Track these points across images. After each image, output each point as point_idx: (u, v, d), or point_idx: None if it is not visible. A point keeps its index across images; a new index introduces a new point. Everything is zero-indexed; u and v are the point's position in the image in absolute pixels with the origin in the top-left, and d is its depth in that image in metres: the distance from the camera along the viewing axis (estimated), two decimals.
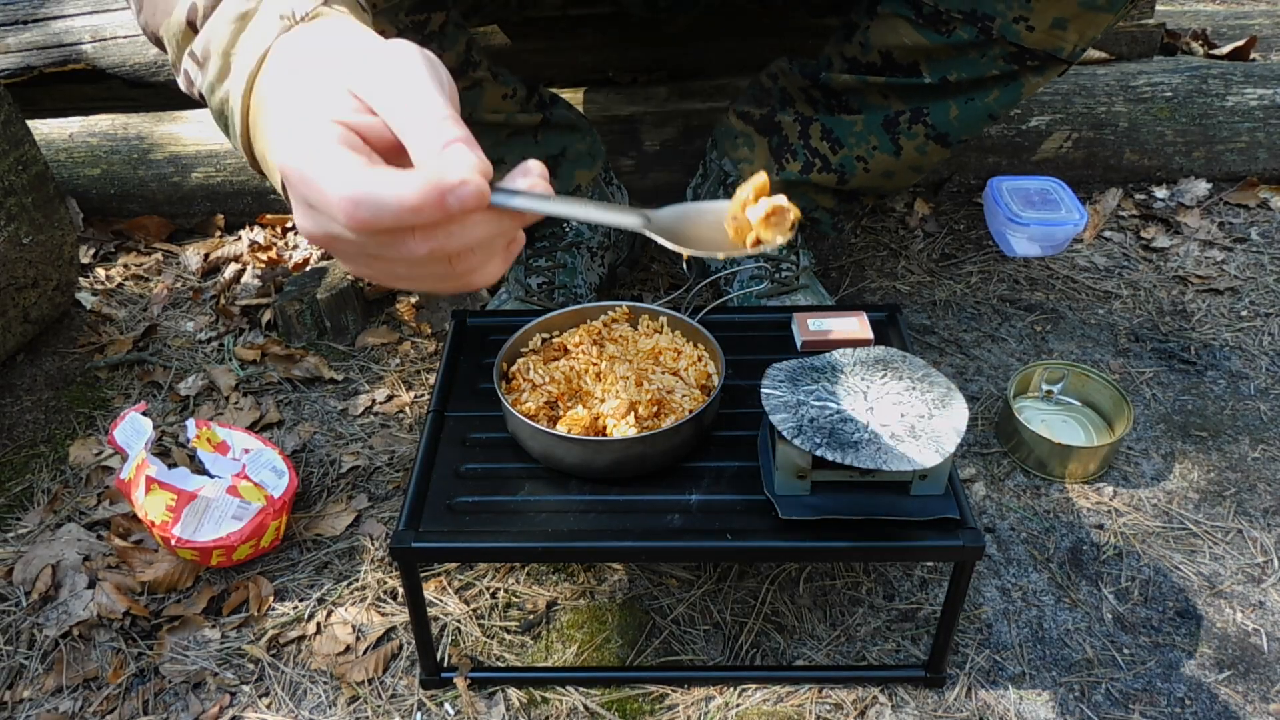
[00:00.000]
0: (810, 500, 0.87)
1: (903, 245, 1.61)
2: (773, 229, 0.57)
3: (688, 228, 0.57)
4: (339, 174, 0.47)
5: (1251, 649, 1.02)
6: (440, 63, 0.53)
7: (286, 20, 0.59)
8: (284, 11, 0.59)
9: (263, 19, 0.59)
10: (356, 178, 0.46)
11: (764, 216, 0.57)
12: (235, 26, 0.60)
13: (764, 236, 0.57)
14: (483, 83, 1.21)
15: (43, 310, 1.38)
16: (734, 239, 0.57)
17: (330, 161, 0.47)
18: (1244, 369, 1.36)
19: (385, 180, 0.46)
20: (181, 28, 0.63)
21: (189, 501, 1.06)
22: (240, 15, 0.60)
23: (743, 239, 0.57)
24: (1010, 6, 1.05)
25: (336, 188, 0.47)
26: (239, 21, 0.60)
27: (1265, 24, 2.16)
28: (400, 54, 0.52)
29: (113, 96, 1.74)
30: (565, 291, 1.36)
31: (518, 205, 0.50)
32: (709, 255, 0.58)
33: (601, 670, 1.00)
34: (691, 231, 0.57)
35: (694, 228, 0.58)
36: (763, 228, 0.57)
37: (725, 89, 1.65)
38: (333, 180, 0.47)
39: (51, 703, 0.99)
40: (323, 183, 0.47)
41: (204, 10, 0.61)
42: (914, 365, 0.93)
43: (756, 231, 0.57)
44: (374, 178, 0.46)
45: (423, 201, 0.45)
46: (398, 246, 0.49)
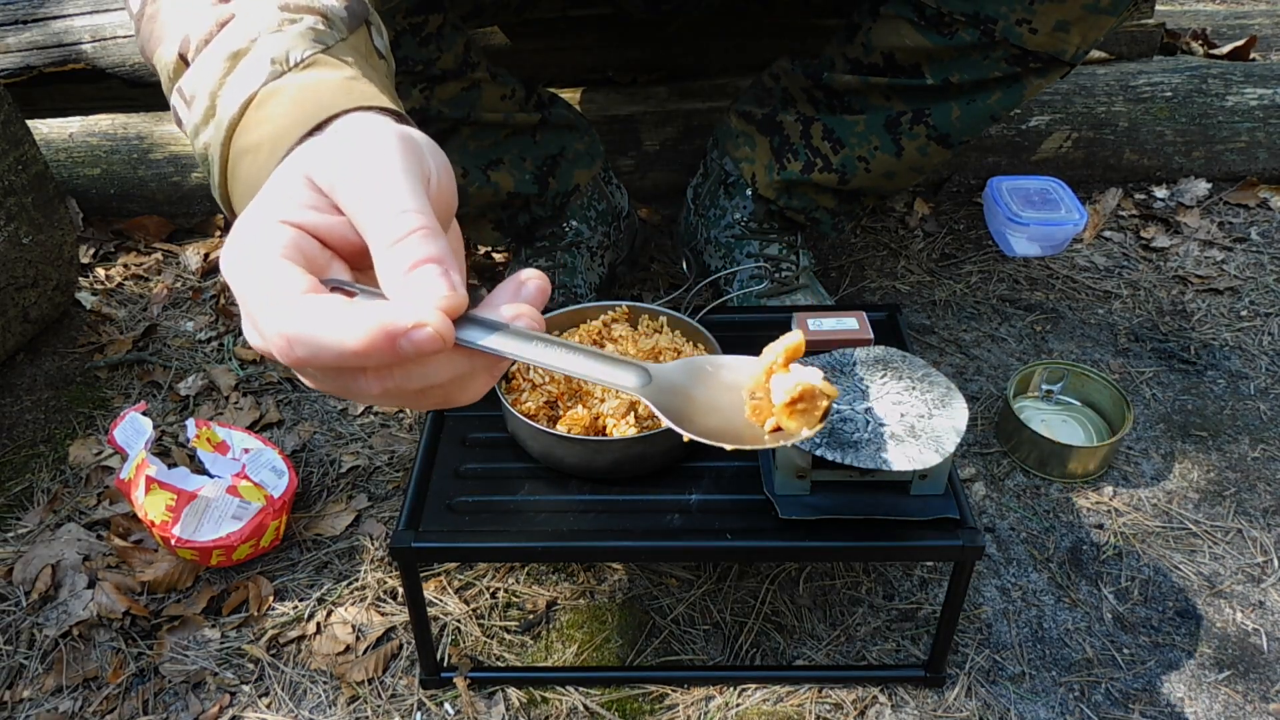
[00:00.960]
0: (810, 500, 0.87)
1: (903, 245, 1.61)
2: (799, 418, 0.46)
3: (696, 393, 0.47)
4: (275, 303, 0.40)
5: (1251, 649, 1.02)
6: (428, 146, 0.46)
7: (278, 65, 0.53)
8: (276, 55, 0.53)
9: (253, 61, 0.53)
10: (292, 312, 0.40)
11: (789, 402, 0.46)
12: (225, 66, 0.54)
13: (787, 426, 0.46)
14: (481, 83, 1.21)
15: (43, 310, 1.38)
16: (751, 417, 0.47)
17: (268, 283, 0.41)
18: (1244, 369, 1.36)
19: (326, 317, 0.40)
20: (174, 60, 0.57)
21: (189, 501, 1.06)
22: (232, 54, 0.54)
23: (762, 421, 0.47)
24: (1013, 9, 1.05)
25: (270, 320, 0.40)
26: (229, 60, 0.54)
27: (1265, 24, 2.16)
28: (372, 137, 0.44)
29: (113, 96, 1.74)
30: (565, 291, 1.36)
31: (491, 349, 0.42)
32: (714, 444, 0.46)
33: (601, 670, 1.00)
34: (701, 398, 0.47)
35: (704, 393, 0.48)
36: (787, 415, 0.46)
37: (725, 89, 1.65)
38: (267, 310, 0.40)
39: (51, 702, 0.99)
40: (257, 310, 0.41)
41: (197, 44, 0.55)
42: (914, 365, 0.93)
43: (779, 418, 0.46)
44: (313, 313, 0.40)
45: (368, 347, 0.39)
46: (348, 384, 0.43)
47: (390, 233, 0.41)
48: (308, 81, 0.52)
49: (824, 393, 0.46)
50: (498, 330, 0.43)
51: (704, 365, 0.48)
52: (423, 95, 1.16)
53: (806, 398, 0.46)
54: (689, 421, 0.46)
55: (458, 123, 1.21)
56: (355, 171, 0.43)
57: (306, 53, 0.54)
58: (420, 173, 0.44)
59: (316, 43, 0.55)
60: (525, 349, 0.42)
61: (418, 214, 0.42)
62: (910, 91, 1.17)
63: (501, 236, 1.38)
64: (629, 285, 1.52)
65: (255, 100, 0.52)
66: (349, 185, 0.43)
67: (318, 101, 0.51)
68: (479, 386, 0.46)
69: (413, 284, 0.41)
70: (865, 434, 0.84)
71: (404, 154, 0.44)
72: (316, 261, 0.43)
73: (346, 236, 0.44)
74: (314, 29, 0.55)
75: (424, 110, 1.17)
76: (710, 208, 1.40)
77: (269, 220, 0.43)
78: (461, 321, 0.42)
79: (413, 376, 0.42)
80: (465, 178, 1.25)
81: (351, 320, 0.39)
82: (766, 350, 0.47)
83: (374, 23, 0.62)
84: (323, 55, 0.54)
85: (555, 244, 1.38)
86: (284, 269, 0.41)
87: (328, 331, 0.39)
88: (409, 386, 0.42)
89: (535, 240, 1.39)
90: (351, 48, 0.57)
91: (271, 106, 0.52)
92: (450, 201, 0.47)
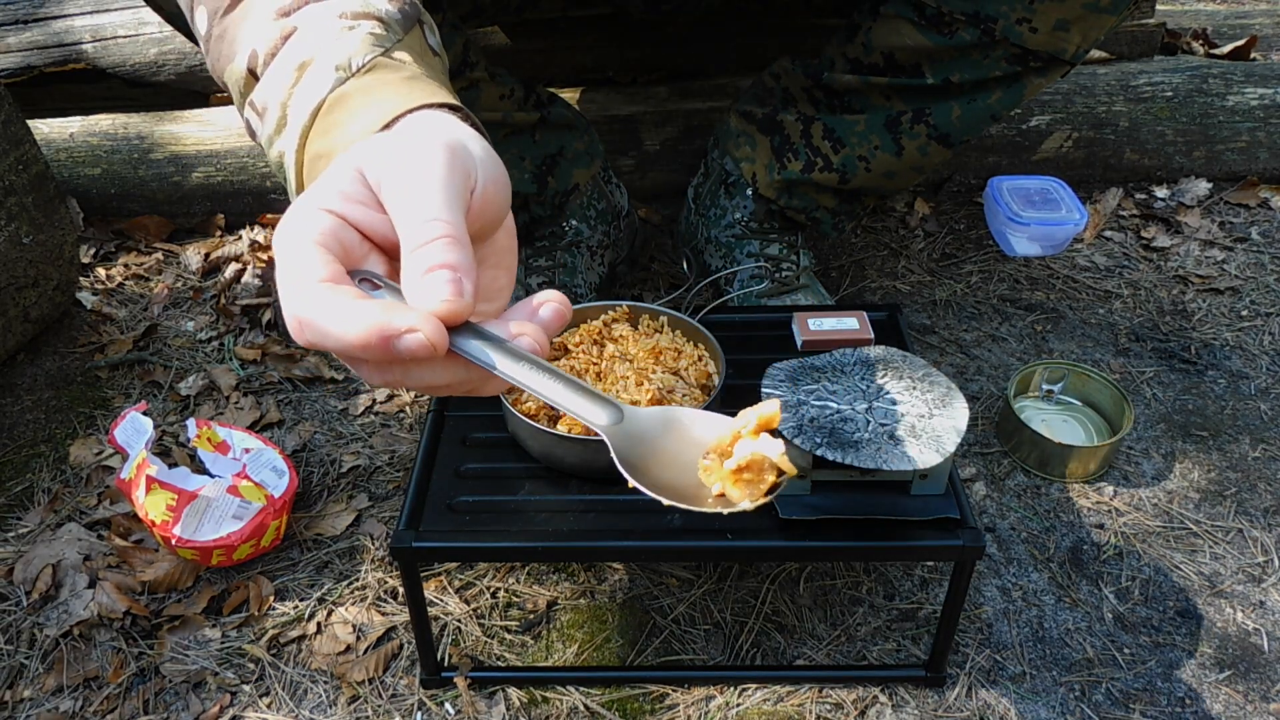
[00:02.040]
0: (810, 500, 0.87)
1: (903, 245, 1.61)
2: (743, 488, 0.46)
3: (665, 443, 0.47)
4: (295, 285, 0.43)
5: (1252, 649, 1.02)
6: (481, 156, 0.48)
7: (342, 72, 0.56)
8: (340, 62, 0.56)
9: (318, 69, 0.56)
10: (308, 297, 0.43)
11: (736, 469, 0.46)
12: (293, 76, 0.57)
13: (729, 493, 0.46)
14: (480, 83, 1.21)
15: (43, 310, 1.38)
16: (702, 476, 0.47)
17: (296, 265, 0.43)
18: (1244, 369, 1.36)
19: (334, 308, 0.42)
20: (243, 74, 0.59)
21: (189, 501, 1.06)
22: (299, 65, 0.56)
23: (711, 483, 0.47)
24: (1013, 8, 1.05)
25: (288, 300, 0.43)
26: (296, 71, 0.56)
27: (1265, 23, 2.16)
28: (423, 143, 0.46)
29: (113, 96, 1.74)
30: (565, 291, 1.36)
31: (480, 360, 0.44)
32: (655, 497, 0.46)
33: (602, 670, 1.00)
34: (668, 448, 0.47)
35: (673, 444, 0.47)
36: (731, 482, 0.46)
37: (725, 89, 1.65)
38: (288, 290, 0.43)
39: (52, 702, 0.99)
40: (281, 290, 0.44)
41: (264, 58, 0.58)
42: (914, 365, 0.93)
43: (724, 483, 0.46)
44: (324, 302, 0.42)
45: (365, 343, 0.41)
46: (354, 365, 0.45)
47: (417, 237, 0.43)
48: (371, 84, 0.55)
49: (776, 466, 0.46)
50: (493, 344, 0.44)
51: (680, 417, 0.48)
52: None
53: (754, 468, 0.46)
54: (643, 471, 0.46)
55: None
56: (399, 174, 0.45)
57: (368, 57, 0.56)
58: (462, 183, 0.45)
59: (376, 46, 0.57)
60: (512, 368, 0.44)
61: (446, 223, 0.43)
62: (910, 91, 1.17)
63: None
64: (629, 285, 1.52)
65: (324, 107, 0.55)
66: (392, 187, 0.45)
67: (381, 104, 0.54)
68: (491, 388, 0.48)
69: (424, 286, 0.43)
70: (865, 434, 0.84)
71: (449, 164, 0.45)
72: (354, 252, 0.45)
73: (386, 233, 0.46)
74: (372, 34, 0.58)
75: None
76: (711, 207, 1.40)
77: (314, 206, 0.45)
78: (465, 330, 0.44)
79: (410, 375, 0.44)
80: None
81: (354, 315, 0.42)
82: (742, 414, 0.47)
83: (425, 21, 0.65)
84: (382, 58, 0.57)
85: (555, 243, 1.38)
86: (312, 254, 0.43)
87: (332, 322, 0.42)
88: (406, 383, 0.45)
89: (535, 240, 1.39)
90: (408, 48, 0.60)
91: (338, 112, 0.55)
92: (496, 213, 0.48)
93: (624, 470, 0.45)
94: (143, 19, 1.66)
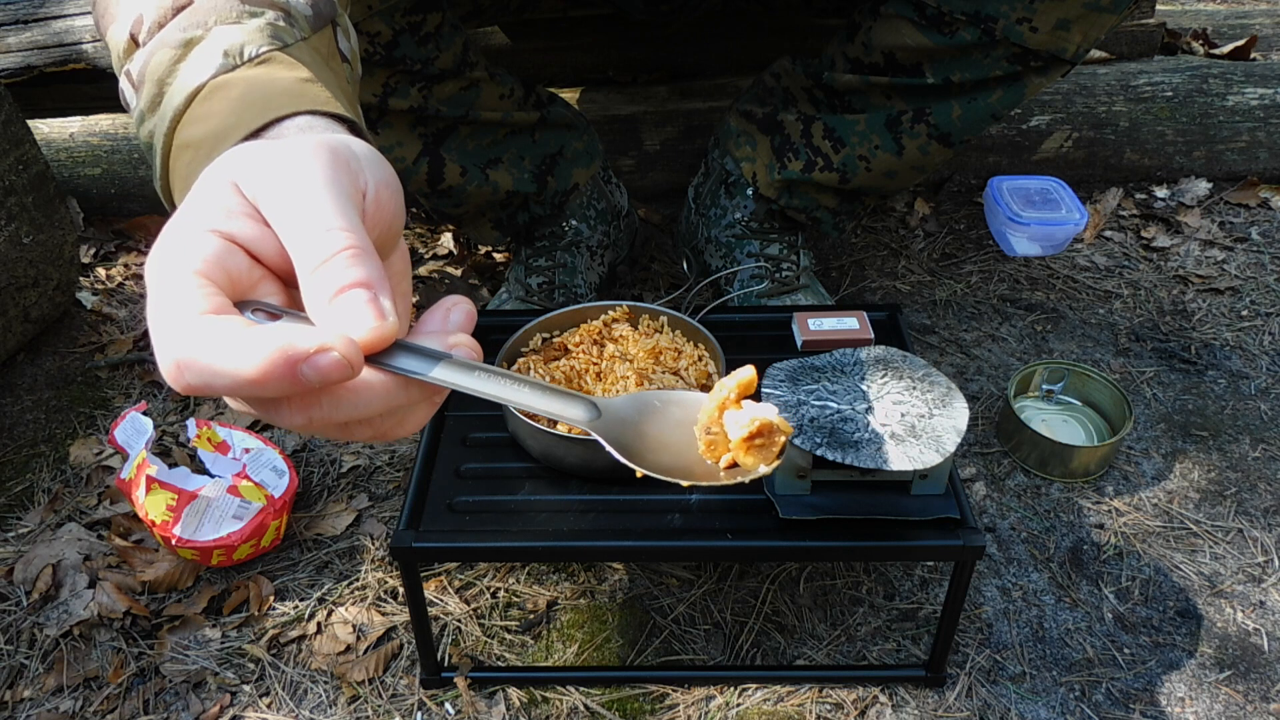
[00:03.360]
0: (810, 500, 0.87)
1: (903, 245, 1.61)
2: (756, 454, 0.45)
3: (646, 428, 0.45)
4: (169, 322, 0.36)
5: (1252, 649, 1.02)
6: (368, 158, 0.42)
7: (231, 58, 0.50)
8: (230, 48, 0.50)
9: (205, 50, 0.50)
10: (185, 334, 0.36)
11: (747, 437, 0.44)
12: (176, 53, 0.51)
13: (744, 462, 0.45)
14: (480, 82, 1.21)
15: (43, 310, 1.38)
16: (705, 453, 0.45)
17: (169, 299, 0.37)
18: (1244, 369, 1.36)
19: (220, 342, 0.35)
20: (125, 39, 0.53)
21: (189, 501, 1.06)
22: (184, 41, 0.51)
23: (716, 457, 0.45)
24: (1013, 7, 1.05)
25: (161, 341, 0.36)
26: (181, 48, 0.51)
27: (1266, 23, 2.16)
28: (299, 146, 0.40)
29: (113, 96, 1.72)
30: (565, 291, 1.36)
31: (424, 376, 0.39)
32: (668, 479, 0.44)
33: (602, 670, 1.00)
34: (651, 434, 0.45)
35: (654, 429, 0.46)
36: (744, 451, 0.45)
37: (726, 88, 1.65)
38: (162, 331, 0.36)
39: (52, 702, 0.99)
40: (152, 330, 0.37)
41: (150, 26, 0.52)
42: (914, 365, 0.93)
43: (735, 454, 0.45)
44: (207, 336, 0.36)
45: (265, 375, 0.35)
46: (267, 411, 0.39)
47: (315, 254, 0.37)
48: (259, 78, 0.49)
49: (780, 428, 0.45)
50: (437, 360, 0.39)
51: (653, 400, 0.47)
52: (421, 94, 1.16)
53: (764, 433, 0.44)
54: (640, 457, 0.44)
55: (456, 121, 1.21)
56: (279, 183, 0.39)
57: (262, 48, 0.51)
58: (352, 187, 0.40)
59: (274, 39, 0.52)
60: (470, 381, 0.39)
61: (345, 232, 0.38)
62: (911, 91, 1.17)
63: (501, 235, 1.38)
64: (629, 285, 1.52)
65: (203, 92, 0.50)
66: (273, 198, 0.39)
67: (265, 101, 0.48)
68: (417, 419, 0.42)
69: (337, 312, 0.37)
70: (865, 434, 0.84)
71: (332, 165, 0.40)
72: (241, 281, 0.39)
73: (278, 251, 0.39)
74: (274, 24, 0.53)
75: (422, 109, 1.17)
76: (711, 207, 1.40)
77: (197, 228, 0.38)
78: (396, 350, 0.39)
79: (341, 407, 0.38)
80: (464, 176, 1.25)
81: (247, 345, 0.35)
82: (718, 385, 0.46)
83: (341, 24, 0.60)
84: (279, 53, 0.51)
85: (555, 243, 1.38)
86: (189, 285, 0.37)
87: (221, 358, 0.35)
88: (335, 418, 0.38)
89: (535, 239, 1.39)
90: (312, 48, 0.55)
91: (217, 101, 0.49)
92: (392, 220, 0.42)
93: (626, 460, 0.43)
94: None
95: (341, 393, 0.38)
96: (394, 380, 0.39)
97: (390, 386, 0.39)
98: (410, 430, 0.42)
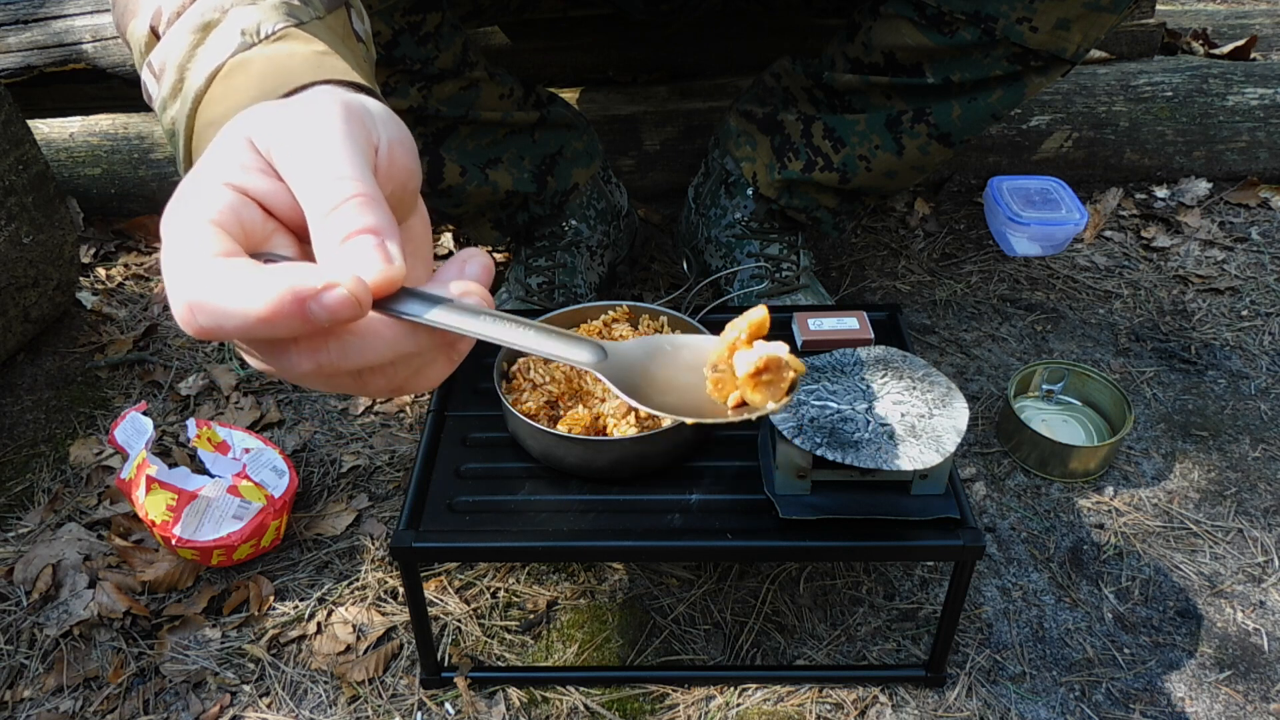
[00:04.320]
0: (810, 500, 0.87)
1: (903, 245, 1.61)
2: (764, 391, 0.44)
3: (654, 370, 0.45)
4: (183, 266, 0.37)
5: (1252, 649, 1.02)
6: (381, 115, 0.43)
7: (248, 37, 0.51)
8: (247, 27, 0.52)
9: (223, 32, 0.52)
10: (196, 276, 0.36)
11: (754, 373, 0.44)
12: (195, 38, 0.52)
13: (751, 399, 0.44)
14: (479, 82, 1.21)
15: (43, 310, 1.38)
16: (713, 393, 0.45)
17: (184, 245, 0.37)
18: (1244, 368, 1.36)
19: (232, 282, 0.36)
20: (145, 34, 0.55)
21: (189, 501, 1.06)
22: (202, 25, 0.52)
23: (724, 396, 0.45)
24: (1013, 7, 1.05)
25: (174, 284, 0.37)
26: (199, 32, 0.52)
27: (1266, 23, 2.16)
28: (314, 103, 0.41)
29: (113, 96, 1.74)
30: (565, 291, 1.36)
31: (431, 321, 0.38)
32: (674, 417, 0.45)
33: (602, 670, 1.00)
34: (659, 376, 0.45)
35: (662, 371, 0.45)
36: (751, 388, 0.44)
37: (726, 88, 1.65)
38: (174, 274, 0.37)
39: (52, 702, 0.99)
40: (166, 275, 0.38)
41: (169, 16, 0.54)
42: (914, 365, 0.93)
43: (742, 391, 0.44)
44: (217, 276, 0.36)
45: (274, 313, 0.35)
46: (276, 358, 0.39)
47: (325, 201, 0.38)
48: (277, 54, 0.51)
49: (789, 364, 0.44)
50: (441, 304, 0.38)
51: (663, 344, 0.46)
52: (420, 94, 1.16)
53: (772, 368, 0.43)
54: (647, 398, 0.44)
55: (456, 121, 1.21)
56: (292, 136, 0.40)
57: (278, 25, 0.52)
58: (365, 140, 0.41)
59: (289, 17, 0.53)
60: (474, 324, 0.39)
61: (355, 180, 0.38)
62: (911, 90, 1.17)
63: (501, 235, 1.38)
64: (629, 285, 1.52)
65: (223, 71, 0.51)
66: (285, 150, 0.40)
67: (285, 74, 0.49)
68: (436, 372, 0.42)
69: (345, 256, 0.37)
70: (866, 434, 0.84)
71: (346, 119, 0.40)
72: (255, 232, 0.39)
73: (291, 205, 0.40)
74: (288, 3, 0.54)
75: (421, 109, 1.17)
76: (711, 207, 1.40)
77: (211, 182, 0.39)
78: (403, 295, 0.39)
79: (349, 352, 0.38)
80: (464, 176, 1.25)
81: (257, 284, 0.35)
82: (729, 327, 0.45)
83: (354, 6, 0.62)
84: (295, 29, 0.52)
85: (555, 243, 1.38)
86: (203, 233, 0.37)
87: (231, 297, 0.35)
88: (344, 365, 0.38)
89: (534, 239, 1.39)
90: (328, 27, 0.56)
91: (238, 78, 0.50)
92: (405, 176, 0.43)
93: (630, 399, 0.43)
94: None
95: (348, 338, 0.38)
96: (401, 326, 0.38)
97: (398, 332, 0.39)
98: (429, 384, 0.42)
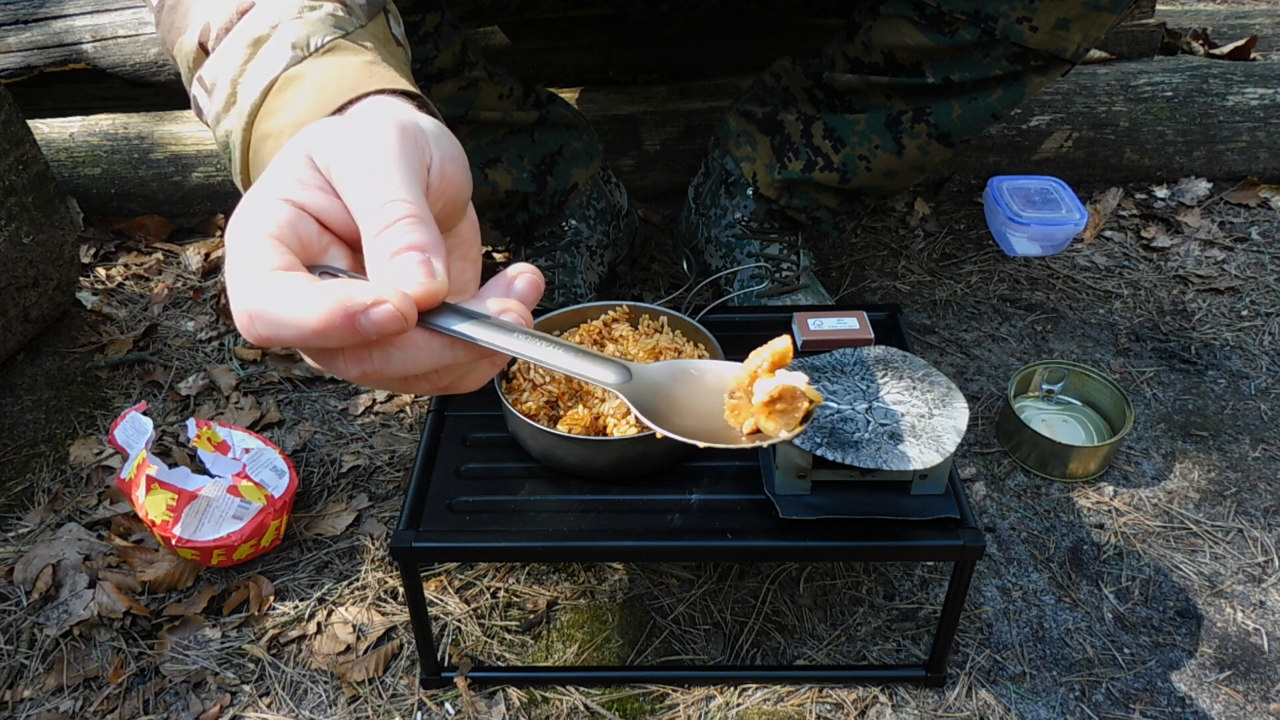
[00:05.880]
0: (810, 500, 0.87)
1: (903, 245, 1.61)
2: (778, 419, 0.45)
3: (676, 393, 0.46)
4: (245, 278, 0.39)
5: (1252, 649, 1.02)
6: (435, 133, 0.45)
7: (299, 50, 0.54)
8: (297, 40, 0.54)
9: (273, 47, 0.54)
10: (259, 288, 0.39)
11: (769, 401, 0.45)
12: (246, 53, 0.55)
13: (765, 427, 0.45)
14: (479, 82, 1.21)
15: (43, 310, 1.38)
16: (730, 418, 0.46)
17: (246, 258, 0.40)
18: (1244, 368, 1.36)
19: (288, 295, 0.38)
20: (194, 49, 0.57)
21: (189, 501, 1.06)
22: (253, 40, 0.55)
23: (740, 422, 0.46)
24: (1013, 7, 1.05)
25: (237, 294, 0.40)
26: (250, 48, 0.55)
27: (1266, 23, 2.16)
28: (370, 123, 0.44)
29: (113, 96, 1.74)
30: (565, 291, 1.36)
31: (466, 335, 0.41)
32: (689, 441, 0.45)
33: (602, 670, 1.00)
34: (680, 399, 0.46)
35: (684, 394, 0.47)
36: (765, 415, 0.45)
37: (726, 88, 1.65)
38: (236, 285, 0.40)
39: (52, 702, 0.99)
40: (229, 286, 0.40)
41: (218, 32, 0.56)
42: (914, 365, 0.93)
43: (757, 418, 0.45)
44: (276, 289, 0.39)
45: (326, 325, 0.38)
46: (326, 362, 0.42)
47: (378, 221, 0.41)
48: (328, 66, 0.53)
49: (805, 395, 0.45)
50: (480, 321, 0.41)
51: (688, 368, 0.48)
52: None
53: (786, 397, 0.45)
54: (665, 420, 0.45)
55: (455, 121, 1.21)
56: (350, 157, 0.42)
57: (327, 38, 0.55)
58: (418, 161, 0.43)
59: (336, 28, 0.56)
60: (505, 340, 0.41)
61: (406, 203, 0.41)
62: (911, 90, 1.17)
63: (500, 235, 1.38)
64: (629, 285, 1.52)
65: (276, 85, 0.53)
66: (343, 170, 0.42)
67: (338, 85, 0.52)
68: (478, 376, 0.45)
69: (392, 270, 0.40)
70: (866, 434, 0.84)
71: (400, 141, 0.43)
72: (312, 246, 0.42)
73: (346, 220, 0.43)
74: (334, 15, 0.57)
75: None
76: (711, 207, 1.40)
77: (270, 197, 0.41)
78: (443, 310, 0.41)
79: (391, 361, 0.41)
80: None
81: (311, 298, 0.38)
82: (753, 355, 0.47)
83: (391, 11, 0.64)
84: (343, 40, 0.55)
85: (554, 243, 1.38)
86: (263, 245, 0.40)
87: (287, 309, 0.38)
88: (387, 371, 0.41)
89: (534, 239, 1.39)
90: (370, 34, 0.58)
91: (292, 92, 0.53)
92: (455, 191, 0.45)
93: (649, 422, 0.44)
94: (143, 19, 1.66)
95: (391, 349, 0.41)
96: (440, 339, 0.41)
97: (436, 344, 0.41)
98: (472, 386, 0.46)
